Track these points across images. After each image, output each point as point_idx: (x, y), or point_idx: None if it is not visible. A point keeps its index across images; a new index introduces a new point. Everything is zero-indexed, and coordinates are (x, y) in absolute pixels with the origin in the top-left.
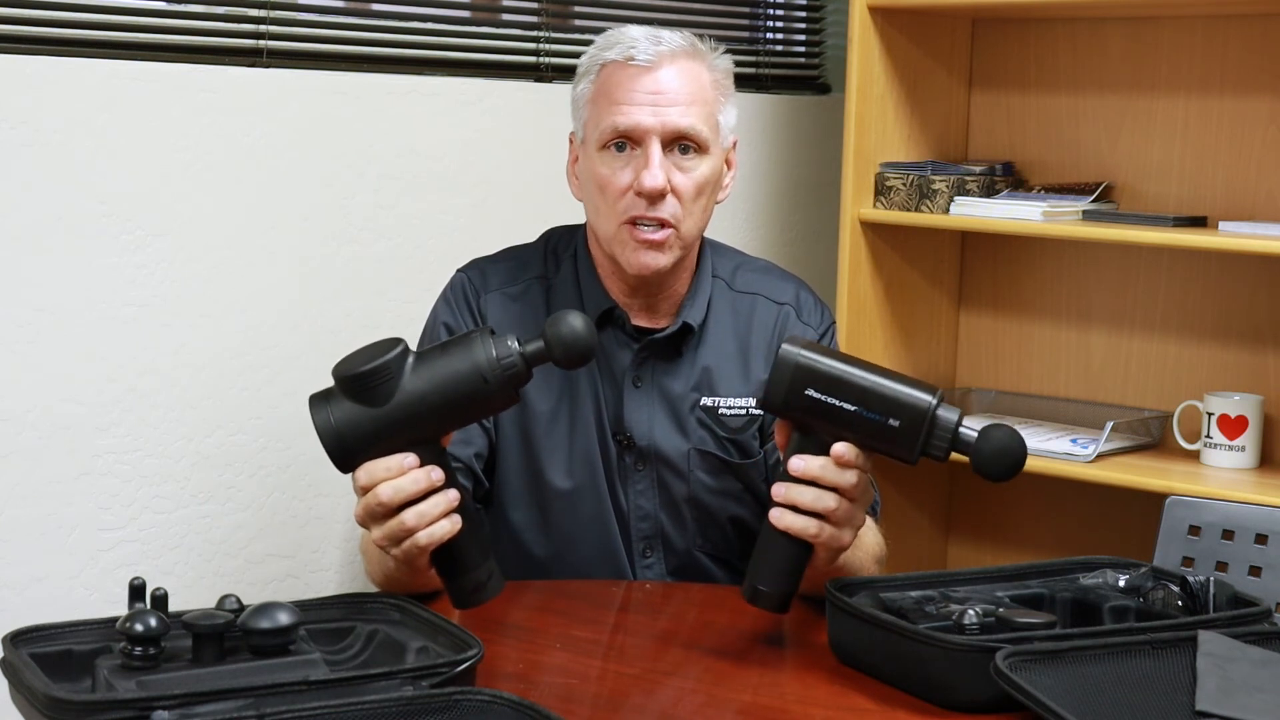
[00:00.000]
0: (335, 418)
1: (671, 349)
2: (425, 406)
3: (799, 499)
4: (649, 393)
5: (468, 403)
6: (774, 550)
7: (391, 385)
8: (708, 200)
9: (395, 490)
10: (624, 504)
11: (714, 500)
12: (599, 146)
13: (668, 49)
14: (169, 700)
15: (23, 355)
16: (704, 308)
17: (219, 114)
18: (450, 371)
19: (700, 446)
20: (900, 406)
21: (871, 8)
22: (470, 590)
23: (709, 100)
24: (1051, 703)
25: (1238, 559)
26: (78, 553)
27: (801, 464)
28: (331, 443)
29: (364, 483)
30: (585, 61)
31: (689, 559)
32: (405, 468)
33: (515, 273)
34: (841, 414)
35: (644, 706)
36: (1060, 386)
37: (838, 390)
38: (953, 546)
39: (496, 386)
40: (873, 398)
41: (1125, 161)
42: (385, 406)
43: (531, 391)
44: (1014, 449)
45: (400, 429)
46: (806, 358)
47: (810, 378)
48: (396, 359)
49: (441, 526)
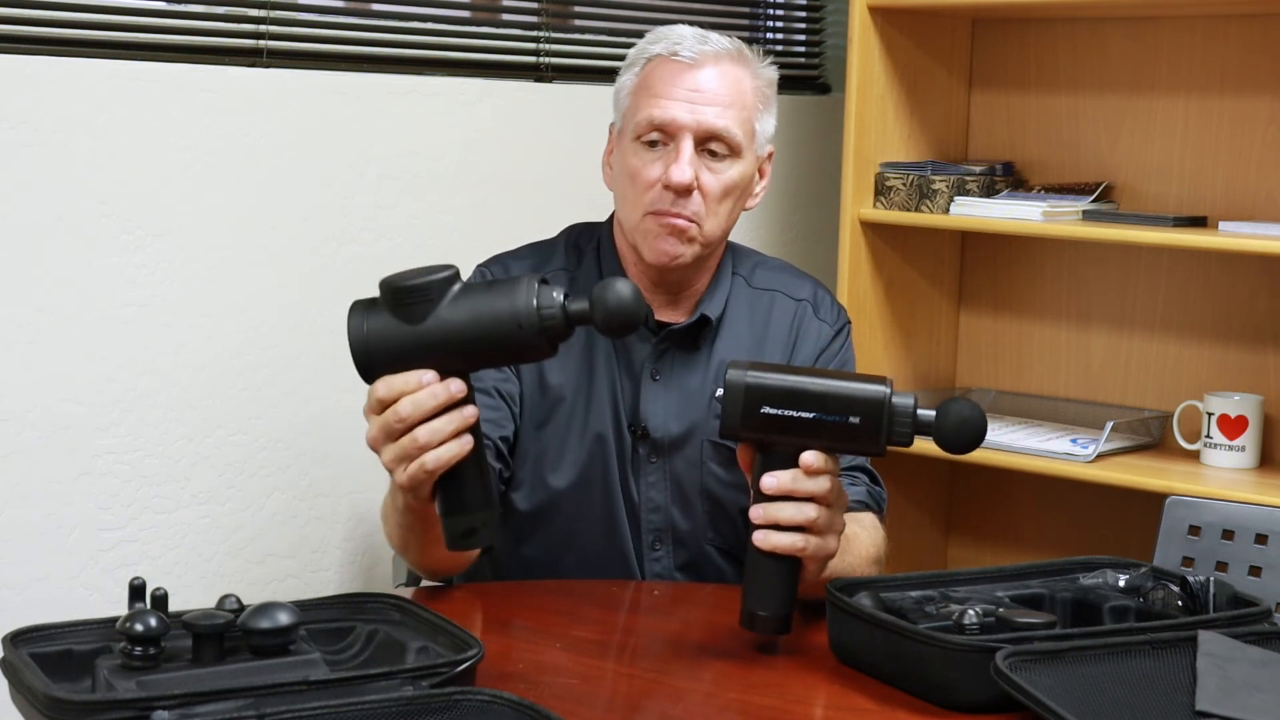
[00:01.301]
0: (369, 326)
1: (690, 342)
2: (456, 335)
3: (779, 515)
4: (666, 385)
5: (499, 342)
6: (764, 573)
7: (430, 307)
8: (734, 204)
9: (414, 405)
10: (635, 496)
11: (725, 493)
12: (634, 137)
13: (712, 49)
14: (169, 700)
15: (23, 355)
16: (723, 302)
17: (219, 114)
18: (489, 307)
19: (714, 438)
20: (856, 403)
21: (871, 8)
22: (463, 532)
23: (748, 105)
24: (1051, 703)
25: (1238, 559)
26: (78, 553)
27: (774, 480)
28: (359, 349)
29: (383, 394)
30: (633, 54)
31: (698, 552)
32: (425, 383)
33: (539, 266)
34: (801, 424)
35: (644, 706)
36: (1060, 386)
37: (792, 401)
38: (953, 546)
39: (531, 333)
40: (828, 400)
41: (1125, 161)
42: (418, 326)
43: (551, 378)
44: (974, 420)
45: (427, 351)
46: (755, 377)
47: (762, 395)
48: (441, 282)
49: (450, 448)
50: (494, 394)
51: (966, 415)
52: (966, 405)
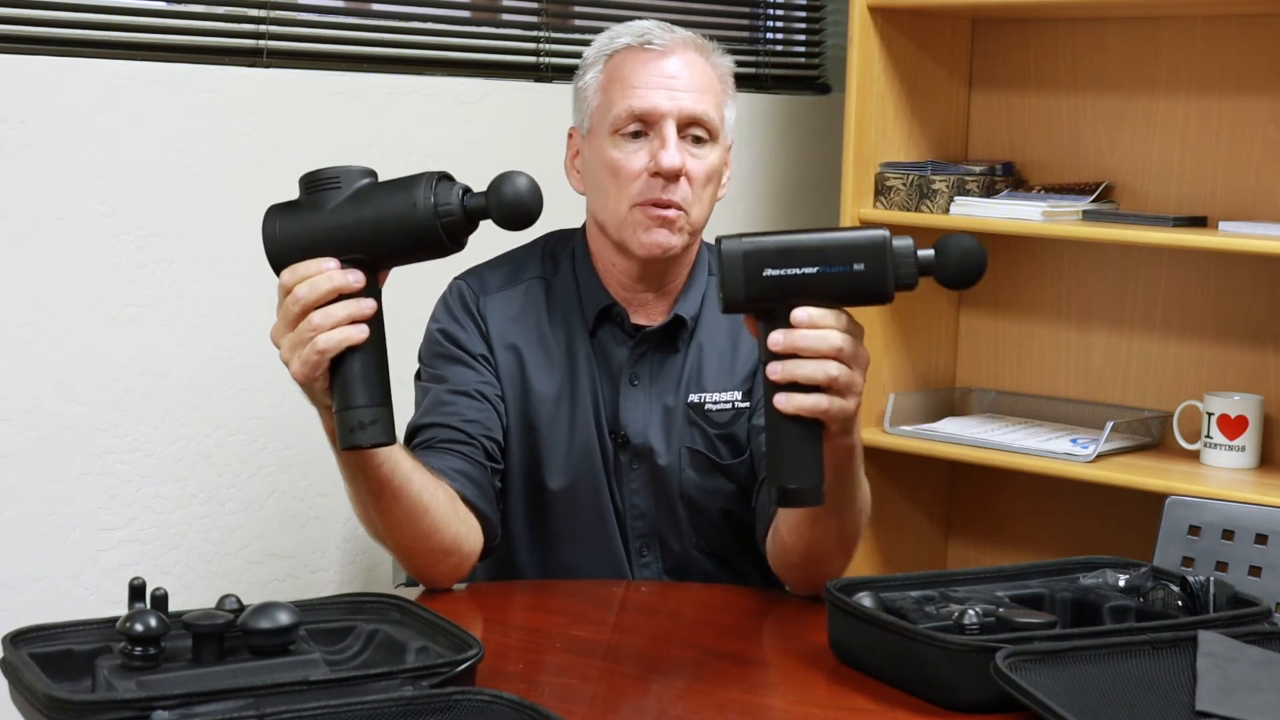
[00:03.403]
0: (280, 220)
1: (667, 344)
2: (356, 224)
3: (796, 371)
4: (644, 390)
5: (397, 233)
6: (788, 440)
7: (336, 196)
8: (714, 190)
9: (311, 288)
10: (620, 503)
11: (704, 498)
12: (611, 131)
13: (680, 38)
14: (169, 700)
15: (23, 355)
16: (698, 302)
17: (219, 114)
18: (389, 199)
19: (690, 445)
20: (858, 249)
21: (871, 8)
22: (353, 426)
23: (717, 91)
24: (1051, 703)
25: (1238, 559)
26: (78, 553)
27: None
28: (268, 239)
29: (285, 280)
30: (591, 53)
31: (686, 558)
32: (324, 269)
33: (514, 275)
34: (806, 280)
35: (643, 706)
36: (1060, 386)
37: (793, 259)
38: (953, 546)
39: (426, 224)
40: (829, 252)
41: (1125, 161)
42: (321, 214)
43: (535, 383)
44: (974, 251)
45: (329, 239)
46: (750, 242)
47: (762, 258)
48: (351, 174)
49: (343, 331)
50: (477, 395)
51: (967, 246)
52: (965, 237)
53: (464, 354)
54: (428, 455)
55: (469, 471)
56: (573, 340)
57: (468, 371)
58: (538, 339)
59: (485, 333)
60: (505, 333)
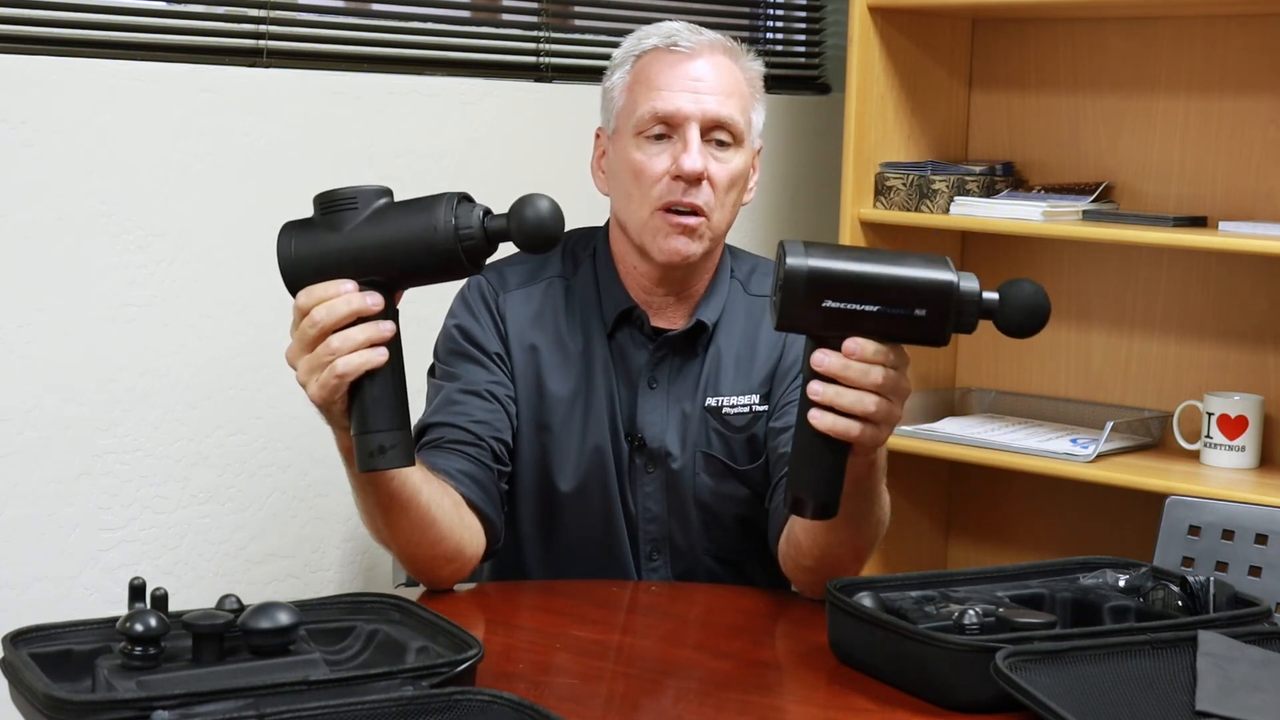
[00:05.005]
0: (295, 240)
1: (687, 349)
2: (375, 245)
3: (837, 401)
4: (663, 394)
5: (417, 255)
6: (813, 455)
7: (353, 216)
8: (737, 196)
9: (328, 310)
10: (633, 506)
11: (717, 503)
12: (635, 133)
13: (707, 40)
14: (169, 700)
15: (23, 355)
16: (719, 308)
17: (219, 114)
18: (408, 220)
19: (705, 449)
20: (924, 293)
21: (871, 8)
22: (372, 451)
23: (744, 95)
24: (1051, 703)
25: (1238, 559)
26: (78, 553)
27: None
28: (284, 260)
29: (301, 303)
30: (619, 54)
31: (695, 562)
32: (341, 291)
33: (534, 272)
34: (864, 316)
35: (644, 706)
36: (1060, 386)
37: (857, 294)
38: (953, 546)
39: (447, 247)
40: (895, 293)
41: (1125, 161)
42: (339, 235)
43: (550, 385)
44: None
45: (346, 261)
46: (817, 264)
47: (826, 288)
48: (369, 194)
49: (362, 355)
50: (488, 395)
51: (1032, 305)
52: (1029, 285)
53: (479, 351)
54: (435, 454)
55: (475, 474)
56: (590, 341)
57: (480, 370)
58: (555, 338)
59: (503, 330)
60: (523, 331)
